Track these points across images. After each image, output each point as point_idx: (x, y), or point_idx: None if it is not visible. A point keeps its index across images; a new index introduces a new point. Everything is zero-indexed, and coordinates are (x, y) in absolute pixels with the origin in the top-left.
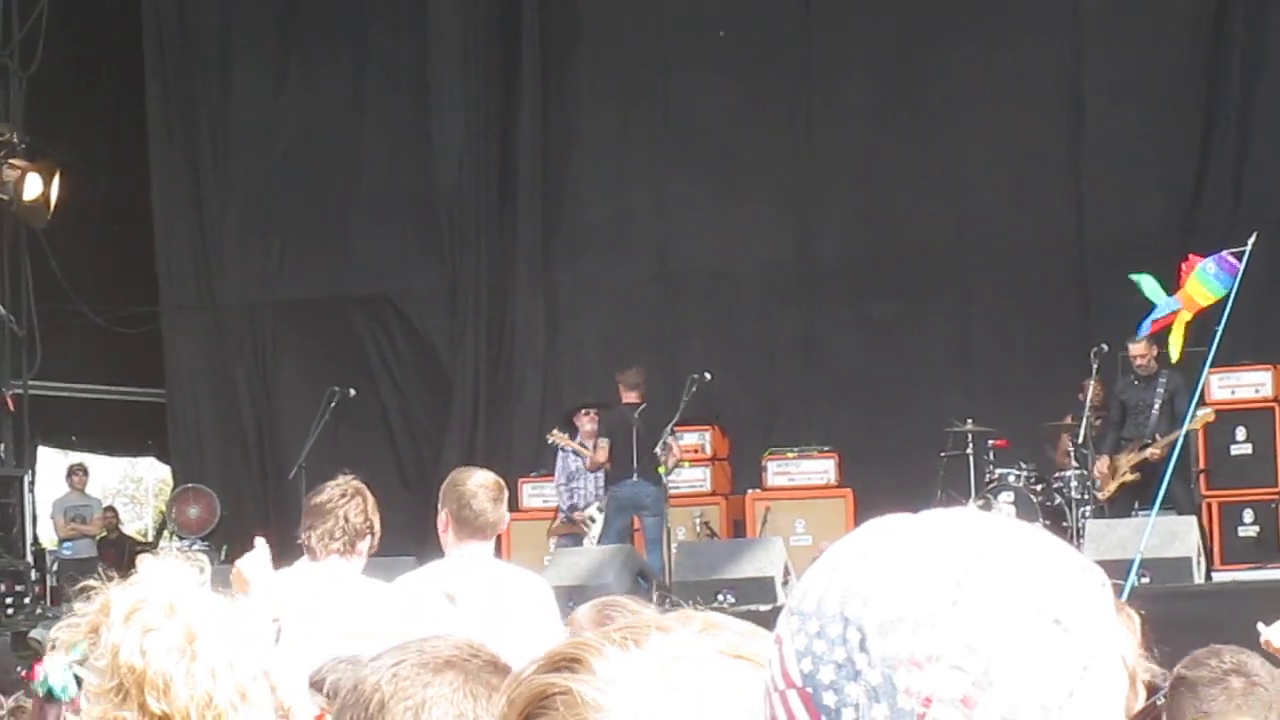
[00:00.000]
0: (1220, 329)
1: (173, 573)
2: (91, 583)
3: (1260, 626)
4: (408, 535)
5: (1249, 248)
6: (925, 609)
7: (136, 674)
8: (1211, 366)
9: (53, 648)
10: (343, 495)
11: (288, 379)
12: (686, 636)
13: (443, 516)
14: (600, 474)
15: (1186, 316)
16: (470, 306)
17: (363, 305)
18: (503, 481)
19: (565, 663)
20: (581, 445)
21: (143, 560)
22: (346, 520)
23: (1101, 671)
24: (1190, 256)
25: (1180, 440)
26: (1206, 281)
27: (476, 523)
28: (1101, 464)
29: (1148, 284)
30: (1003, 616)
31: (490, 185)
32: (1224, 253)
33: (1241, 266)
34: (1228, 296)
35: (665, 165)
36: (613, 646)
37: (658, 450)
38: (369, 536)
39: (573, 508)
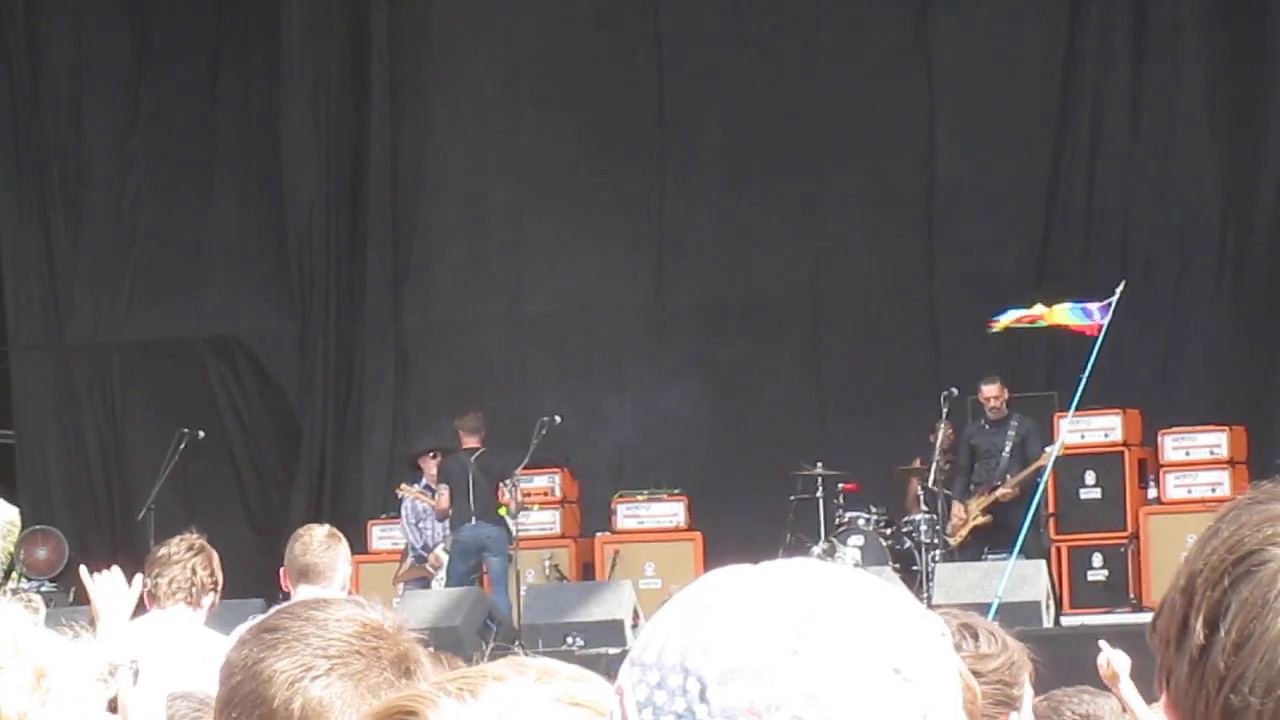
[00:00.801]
0: (1085, 375)
1: (9, 614)
2: None
3: (1103, 644)
4: (255, 578)
5: (1116, 297)
6: (765, 658)
7: None
8: (1073, 409)
9: None
10: (189, 549)
11: (136, 420)
12: (522, 685)
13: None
14: (441, 519)
15: (1043, 323)
16: (319, 350)
17: (213, 346)
18: (336, 532)
19: (400, 714)
20: (423, 492)
21: None
22: (194, 572)
23: None
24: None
25: (1045, 477)
26: (1068, 313)
27: (295, 565)
28: (957, 509)
29: (1007, 315)
30: (843, 665)
31: (341, 227)
32: (1087, 303)
33: (1108, 315)
34: (1092, 346)
35: (518, 208)
36: (448, 698)
37: (505, 492)
38: (213, 593)
39: (425, 547)
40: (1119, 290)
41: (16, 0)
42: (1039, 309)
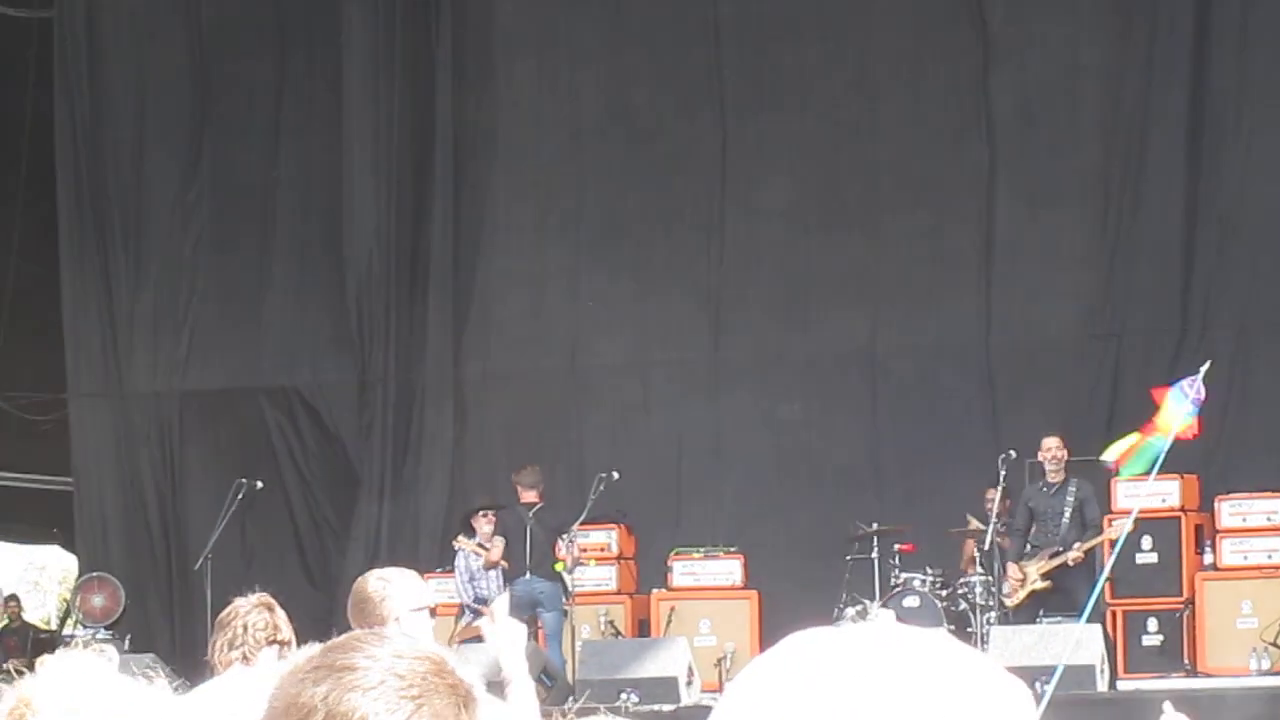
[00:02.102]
0: (1164, 449)
1: (78, 666)
2: None
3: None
4: (311, 630)
5: (1201, 375)
6: None
7: None
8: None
9: None
10: (247, 606)
11: (194, 469)
12: None
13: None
14: (499, 572)
15: (1159, 437)
16: (379, 400)
17: (271, 396)
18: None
19: None
20: (480, 546)
21: (44, 659)
22: (245, 629)
23: None
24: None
25: (1119, 548)
26: (1172, 408)
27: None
28: (1014, 571)
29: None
30: None
31: (401, 279)
32: (1187, 380)
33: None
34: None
35: (578, 261)
36: None
37: (561, 548)
38: (276, 646)
39: (479, 600)
40: (1203, 370)
41: (80, 50)
42: (1147, 434)
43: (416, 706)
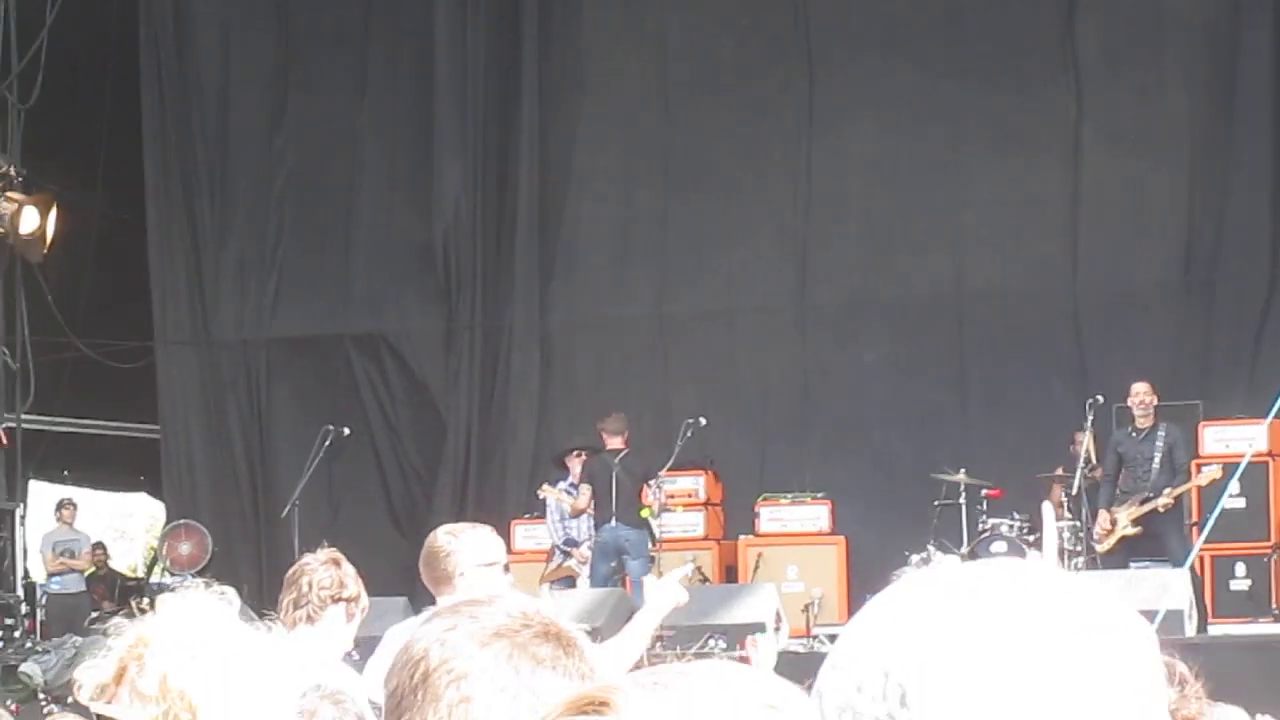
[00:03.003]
0: (1272, 411)
1: (198, 608)
2: (120, 620)
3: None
4: (398, 576)
5: None
6: (966, 664)
7: (185, 700)
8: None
9: (78, 688)
10: (314, 564)
11: (281, 416)
12: (715, 682)
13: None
14: (588, 516)
15: None
16: (465, 347)
17: (358, 343)
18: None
19: (592, 705)
20: (565, 492)
21: (165, 597)
22: (310, 586)
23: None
24: None
25: (1222, 500)
26: None
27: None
28: (1103, 518)
29: None
30: (1042, 674)
31: (488, 225)
32: None
33: None
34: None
35: (665, 206)
36: (640, 690)
37: (649, 494)
38: (342, 603)
39: (569, 542)
40: None
41: None
42: None
43: (513, 648)
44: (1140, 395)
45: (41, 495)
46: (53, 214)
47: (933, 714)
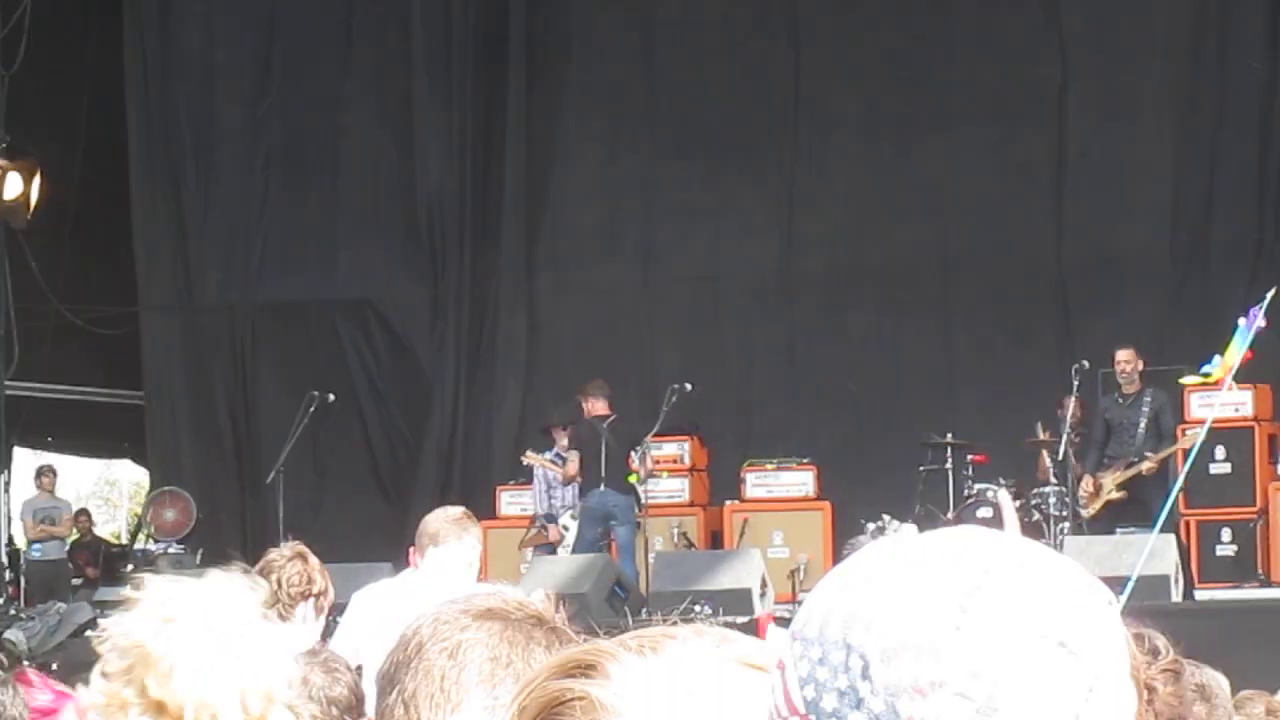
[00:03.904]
0: (1231, 377)
1: (226, 590)
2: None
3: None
4: (383, 541)
5: (1266, 303)
6: (928, 635)
7: (147, 657)
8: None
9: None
10: (280, 560)
11: (267, 383)
12: (702, 645)
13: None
14: (575, 485)
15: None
16: (451, 314)
17: (345, 310)
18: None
19: (580, 668)
20: (553, 461)
21: (211, 573)
22: (280, 585)
23: (1107, 693)
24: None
25: (1192, 456)
26: (1240, 341)
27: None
28: (1088, 482)
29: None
30: (1007, 641)
31: (475, 189)
32: (1251, 309)
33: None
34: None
35: (651, 173)
36: (628, 653)
37: (634, 460)
38: (311, 599)
39: (548, 516)
40: (1269, 295)
41: None
42: (1220, 366)
43: (507, 625)
44: (1123, 363)
45: (24, 462)
46: (36, 180)
47: (895, 685)
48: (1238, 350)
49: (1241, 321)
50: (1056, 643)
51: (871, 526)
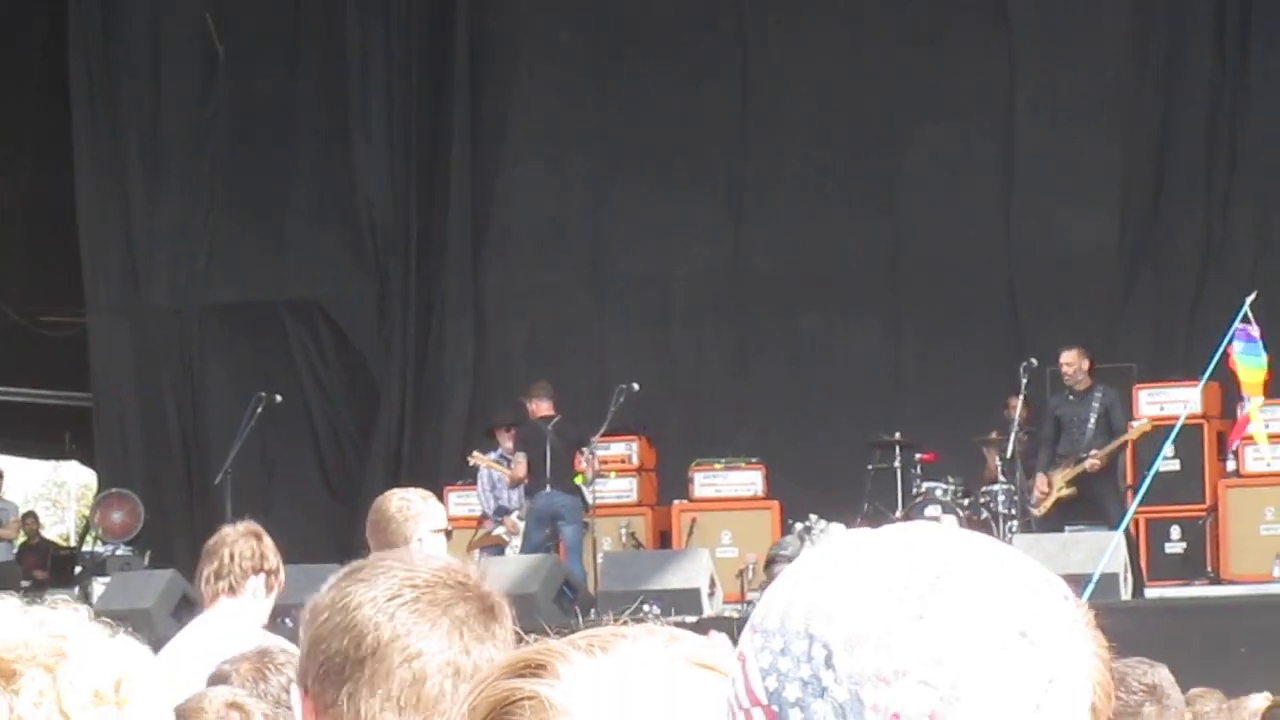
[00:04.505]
0: (1205, 374)
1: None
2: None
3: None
4: (332, 542)
5: (1246, 308)
6: (891, 624)
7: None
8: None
9: None
10: (234, 535)
11: (214, 383)
12: (652, 644)
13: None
14: (522, 486)
15: (1258, 403)
16: (399, 313)
17: (292, 310)
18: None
19: (530, 668)
20: (498, 461)
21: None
22: (231, 558)
23: (1067, 684)
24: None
25: (1157, 461)
26: (1247, 360)
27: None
28: (1041, 481)
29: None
30: (968, 630)
31: (421, 192)
32: (1236, 326)
33: (1251, 327)
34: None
35: (599, 174)
36: (578, 652)
37: (582, 460)
38: (263, 575)
39: (501, 511)
40: (1249, 301)
41: None
42: (1252, 406)
43: (418, 594)
44: (1065, 365)
45: None
46: None
47: (858, 674)
48: (1255, 369)
49: (1237, 345)
50: (1018, 633)
51: (799, 526)
